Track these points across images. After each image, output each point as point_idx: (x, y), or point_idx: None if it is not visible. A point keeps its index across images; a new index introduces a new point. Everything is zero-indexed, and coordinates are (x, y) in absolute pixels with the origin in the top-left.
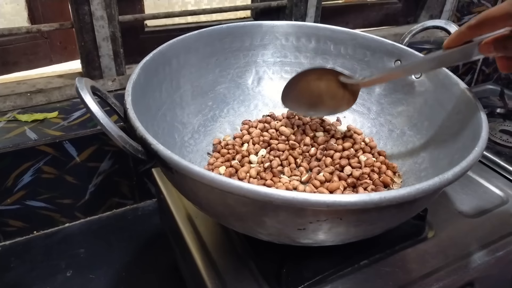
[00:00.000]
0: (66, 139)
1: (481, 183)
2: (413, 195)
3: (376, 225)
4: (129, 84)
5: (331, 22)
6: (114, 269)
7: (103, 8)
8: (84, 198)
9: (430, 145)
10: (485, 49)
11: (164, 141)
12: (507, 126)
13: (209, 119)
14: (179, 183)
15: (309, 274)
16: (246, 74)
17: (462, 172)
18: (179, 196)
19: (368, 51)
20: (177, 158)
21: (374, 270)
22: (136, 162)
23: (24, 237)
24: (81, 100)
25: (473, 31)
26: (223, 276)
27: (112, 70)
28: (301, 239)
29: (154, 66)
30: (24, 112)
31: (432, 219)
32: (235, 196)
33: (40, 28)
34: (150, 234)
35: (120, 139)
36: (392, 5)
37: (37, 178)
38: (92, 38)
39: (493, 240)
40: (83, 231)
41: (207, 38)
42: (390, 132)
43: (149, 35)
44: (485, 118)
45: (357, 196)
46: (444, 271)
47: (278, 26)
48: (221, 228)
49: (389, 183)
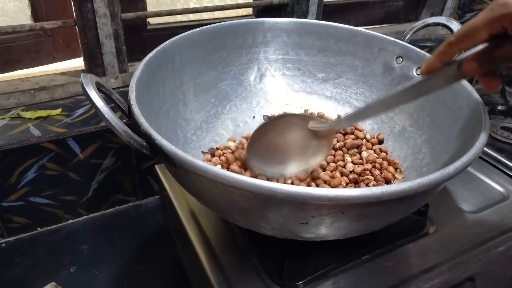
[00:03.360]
0: (69, 136)
1: (482, 180)
2: (414, 190)
3: (377, 220)
4: (133, 81)
5: (332, 19)
6: (117, 265)
7: (106, 5)
8: (87, 194)
9: (432, 141)
10: (468, 67)
11: (167, 137)
12: (508, 123)
13: (211, 115)
14: (182, 178)
15: (311, 269)
16: (248, 71)
17: (463, 167)
18: (182, 192)
19: (369, 48)
20: (181, 153)
21: (375, 264)
22: (139, 159)
23: (28, 233)
24: (86, 95)
25: (454, 47)
26: (226, 270)
27: (115, 67)
28: (304, 233)
29: (157, 63)
30: (27, 109)
31: (434, 215)
32: (238, 190)
33: (43, 26)
34: (152, 231)
35: (125, 134)
36: (394, 3)
37: (40, 174)
38: (95, 35)
39: (494, 236)
40: (86, 228)
41: (210, 36)
42: (391, 129)
43: (152, 33)
44: (486, 115)
45: (359, 190)
46: (445, 266)
47: (280, 23)
48: (224, 223)
49: (391, 179)
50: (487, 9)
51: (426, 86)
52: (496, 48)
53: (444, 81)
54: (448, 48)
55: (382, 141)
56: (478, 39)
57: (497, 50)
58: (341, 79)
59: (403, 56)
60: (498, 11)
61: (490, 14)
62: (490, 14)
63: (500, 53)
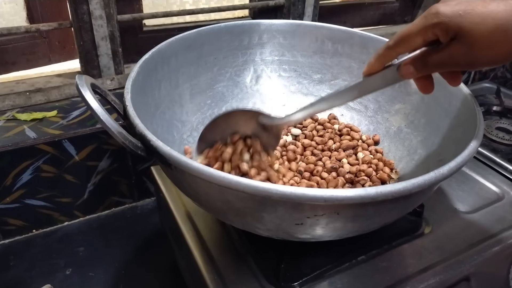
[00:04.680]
0: (65, 138)
1: (477, 180)
2: (409, 190)
3: (372, 220)
4: (129, 82)
5: (328, 21)
6: (114, 268)
7: (101, 7)
8: (83, 197)
9: (427, 142)
10: (405, 70)
11: (163, 138)
12: (503, 124)
13: (207, 117)
14: (178, 180)
15: (307, 270)
16: (245, 72)
17: (457, 168)
18: (178, 194)
19: (365, 50)
20: (177, 154)
21: (371, 265)
22: (135, 161)
23: (23, 235)
24: (81, 97)
25: (392, 51)
26: (222, 272)
27: (111, 69)
28: (299, 234)
29: (153, 64)
30: (23, 111)
31: (429, 215)
32: (234, 191)
33: (39, 28)
34: (149, 233)
35: (120, 136)
36: (389, 4)
37: (36, 177)
38: (91, 37)
39: (489, 236)
40: (82, 230)
41: (206, 37)
42: (387, 130)
43: (148, 35)
44: (481, 115)
45: (354, 190)
46: (440, 266)
47: (276, 25)
48: (220, 224)
49: (386, 180)
50: (421, 16)
51: (367, 86)
52: (430, 54)
53: (384, 82)
54: (387, 51)
55: (377, 142)
56: (413, 45)
57: (431, 55)
58: (337, 81)
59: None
60: (430, 20)
61: (424, 22)
62: (423, 22)
63: (433, 59)
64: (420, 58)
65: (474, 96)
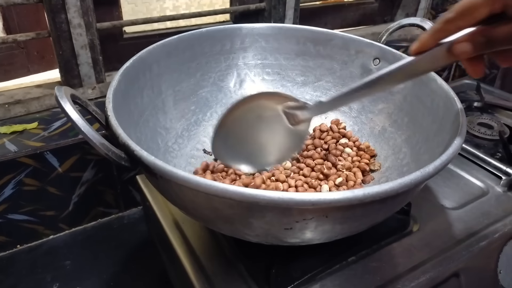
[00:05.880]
0: (47, 149)
1: (462, 176)
2: (396, 190)
3: (361, 221)
4: (110, 91)
5: (309, 23)
6: (102, 279)
7: (80, 16)
8: (68, 209)
9: (411, 140)
10: (460, 48)
11: (147, 147)
12: (484, 119)
13: (192, 123)
14: (164, 189)
15: (298, 274)
16: (228, 77)
17: (443, 166)
18: (165, 202)
19: (347, 51)
20: (161, 164)
21: (361, 266)
22: (120, 170)
23: (7, 251)
24: (61, 109)
25: (451, 25)
26: (212, 279)
27: (92, 78)
28: (289, 238)
29: (134, 72)
30: (2, 124)
31: (416, 213)
32: (221, 199)
33: (16, 38)
34: (137, 242)
35: (102, 147)
36: (369, 5)
37: (18, 190)
38: (70, 46)
39: (476, 231)
40: (68, 243)
41: (187, 43)
42: (371, 130)
43: (128, 42)
44: (463, 112)
45: (341, 193)
46: (430, 263)
47: (257, 29)
48: (209, 232)
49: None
50: None
51: (415, 67)
52: (495, 28)
53: (432, 63)
54: (446, 25)
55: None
56: (478, 16)
57: (497, 29)
58: (320, 82)
59: (380, 58)
60: None
61: None
62: None
63: (499, 33)
64: (479, 33)
65: (455, 93)
